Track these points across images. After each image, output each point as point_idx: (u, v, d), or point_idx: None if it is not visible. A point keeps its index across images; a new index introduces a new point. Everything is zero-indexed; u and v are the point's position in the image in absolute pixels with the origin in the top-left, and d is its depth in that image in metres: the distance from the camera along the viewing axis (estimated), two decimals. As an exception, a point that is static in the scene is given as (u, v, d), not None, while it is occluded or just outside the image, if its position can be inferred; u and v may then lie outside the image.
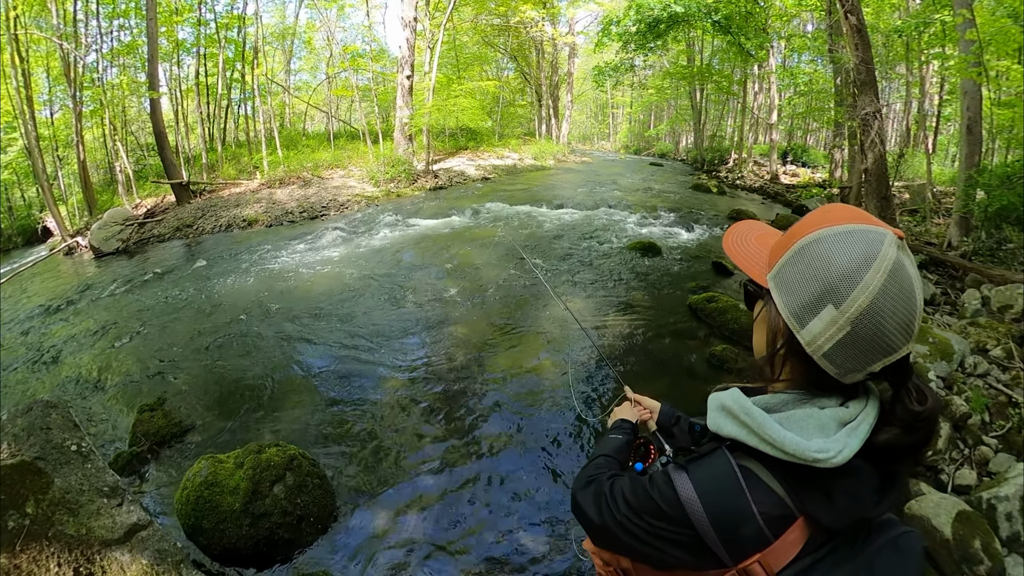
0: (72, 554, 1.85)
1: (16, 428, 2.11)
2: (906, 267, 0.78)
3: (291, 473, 3.33)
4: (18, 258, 16.45)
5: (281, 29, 30.05)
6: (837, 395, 0.88)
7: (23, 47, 15.68)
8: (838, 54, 9.12)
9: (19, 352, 7.41)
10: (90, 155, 20.76)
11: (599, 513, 0.98)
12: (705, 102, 25.75)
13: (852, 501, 0.81)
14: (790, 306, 0.85)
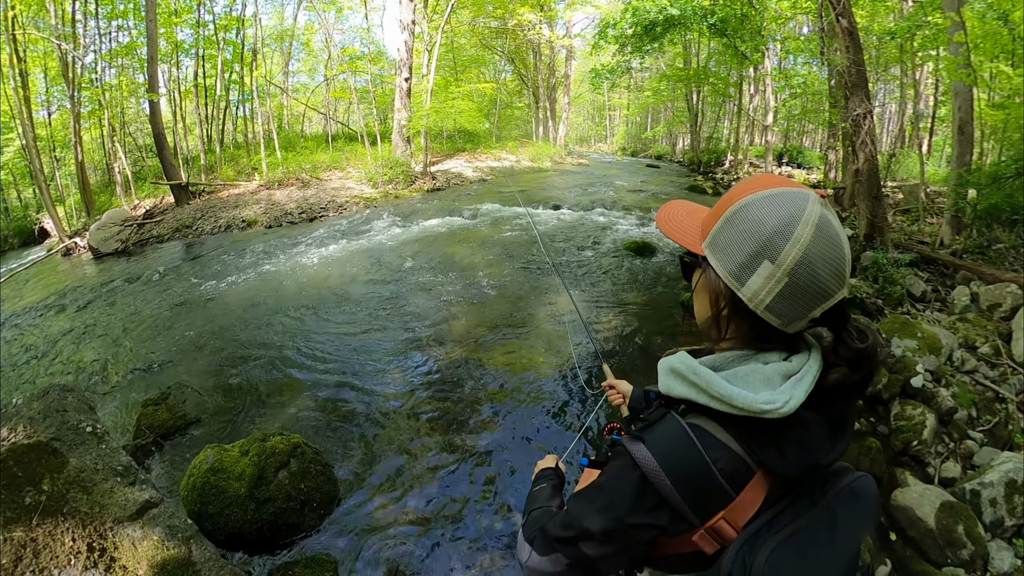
0: (86, 529, 1.94)
1: (32, 411, 2.21)
2: (830, 220, 0.84)
3: (295, 460, 3.44)
4: (15, 259, 16.38)
5: (279, 31, 30.02)
6: (781, 350, 0.93)
7: (21, 47, 15.63)
8: (831, 56, 9.20)
9: (20, 350, 7.48)
10: (88, 156, 20.67)
11: (555, 559, 0.98)
12: (701, 104, 25.81)
13: (803, 449, 0.86)
14: (728, 267, 0.89)
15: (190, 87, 22.49)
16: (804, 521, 0.86)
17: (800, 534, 0.84)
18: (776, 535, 0.84)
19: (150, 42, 16.12)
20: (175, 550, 2.08)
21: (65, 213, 18.66)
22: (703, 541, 0.87)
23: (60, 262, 13.93)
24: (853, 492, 0.92)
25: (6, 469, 1.91)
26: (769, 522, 0.86)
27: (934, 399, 4.50)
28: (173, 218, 14.76)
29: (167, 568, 2.01)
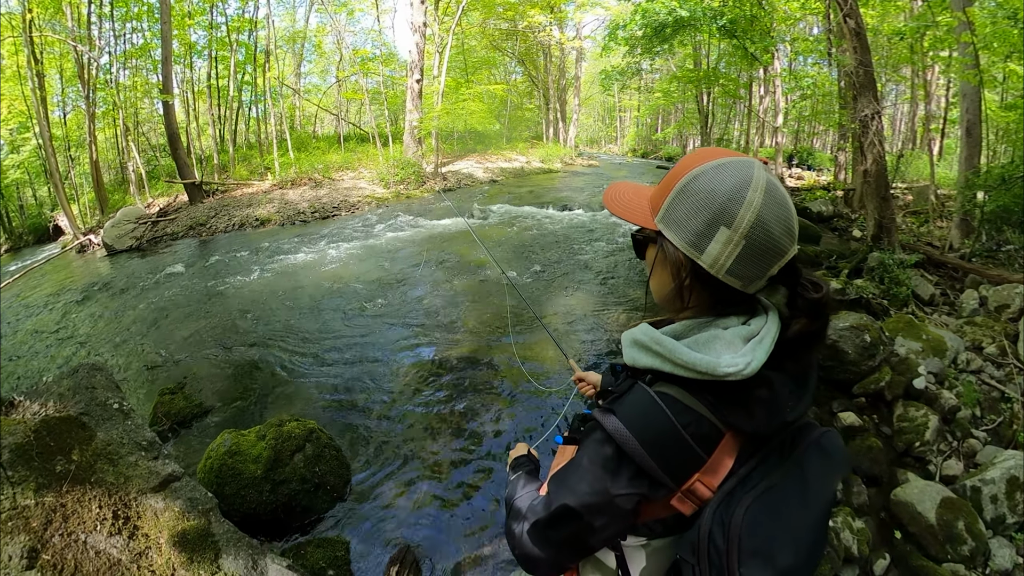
0: (112, 498, 2.04)
1: (63, 387, 2.33)
2: (776, 183, 0.89)
3: (310, 444, 3.55)
4: (29, 256, 16.69)
5: (291, 33, 30.27)
6: (740, 314, 0.96)
7: (38, 49, 15.94)
8: (839, 56, 9.19)
9: (37, 342, 7.65)
10: (102, 155, 21.01)
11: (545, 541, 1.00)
12: (712, 106, 25.73)
13: (769, 408, 0.88)
14: (685, 238, 0.91)
15: (203, 88, 22.83)
16: (776, 477, 0.89)
17: (773, 490, 0.87)
18: (750, 492, 0.87)
19: (164, 44, 16.37)
20: (195, 521, 2.17)
21: (79, 211, 18.96)
22: (681, 504, 0.90)
23: (74, 259, 14.13)
24: (820, 446, 0.94)
25: (39, 439, 2.01)
26: (742, 480, 0.89)
27: (937, 401, 4.47)
28: (187, 216, 14.94)
29: (187, 537, 2.10)
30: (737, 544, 0.82)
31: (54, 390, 2.31)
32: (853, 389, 4.58)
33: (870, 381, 4.52)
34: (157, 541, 2.04)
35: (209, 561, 2.13)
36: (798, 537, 0.85)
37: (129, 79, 21.40)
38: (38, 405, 2.21)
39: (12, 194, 23.51)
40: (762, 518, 0.84)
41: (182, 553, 2.07)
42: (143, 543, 2.02)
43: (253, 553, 2.30)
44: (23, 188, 24.45)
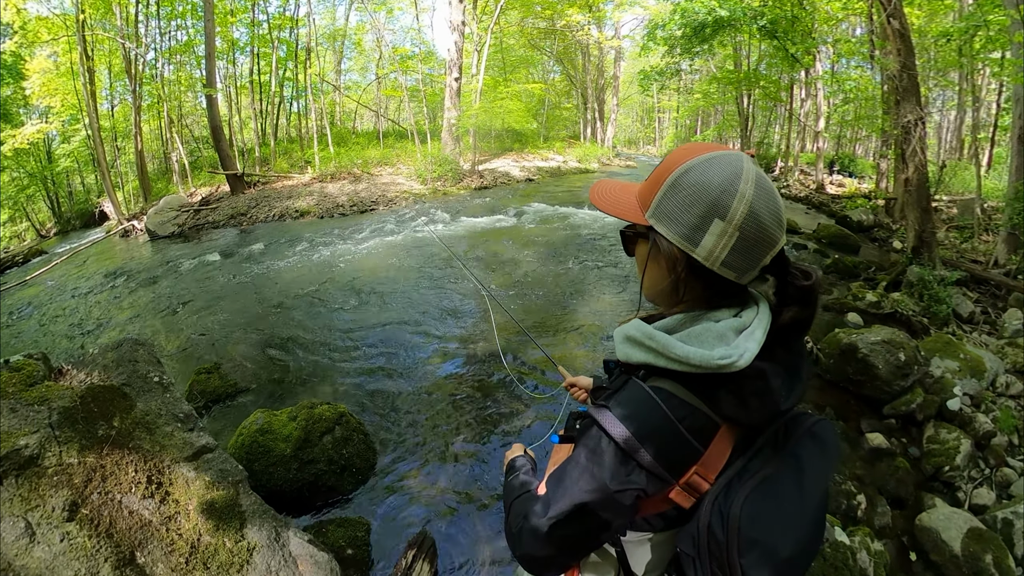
0: (147, 464, 2.16)
1: (107, 359, 2.47)
2: (763, 175, 0.90)
3: (340, 427, 3.67)
4: (76, 239, 17.44)
5: (332, 30, 30.73)
6: (731, 307, 0.97)
7: (89, 47, 16.66)
8: (881, 59, 8.90)
9: (81, 318, 8.00)
10: (147, 145, 21.79)
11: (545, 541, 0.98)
12: (752, 108, 25.29)
13: (763, 398, 0.89)
14: (679, 232, 0.91)
15: (245, 83, 23.40)
16: (772, 467, 0.89)
17: (770, 480, 0.88)
18: (748, 483, 0.87)
19: (207, 40, 16.93)
20: (224, 491, 2.27)
21: (124, 198, 19.79)
22: (680, 497, 0.90)
23: (118, 242, 14.73)
24: (814, 435, 0.95)
25: (84, 404, 2.14)
26: (739, 471, 0.89)
27: (971, 424, 4.30)
28: (228, 206, 15.37)
29: (215, 506, 2.20)
30: (736, 535, 0.83)
31: (99, 361, 2.45)
32: (884, 409, 4.46)
33: (901, 402, 4.40)
34: (186, 507, 2.15)
35: (234, 530, 2.22)
36: (797, 526, 0.86)
37: (173, 74, 22.11)
38: (84, 374, 2.35)
39: (62, 181, 24.78)
40: (760, 508, 0.85)
41: (209, 520, 2.17)
42: (173, 508, 2.12)
43: (277, 526, 2.39)
44: (72, 175, 25.60)
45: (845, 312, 6.46)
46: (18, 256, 15.45)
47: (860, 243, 10.27)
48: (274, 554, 2.27)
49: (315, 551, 2.42)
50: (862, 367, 4.55)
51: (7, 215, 26.03)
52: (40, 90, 19.03)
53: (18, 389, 2.15)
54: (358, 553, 3.02)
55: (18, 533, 1.79)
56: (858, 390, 4.61)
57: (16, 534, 1.79)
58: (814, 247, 9.66)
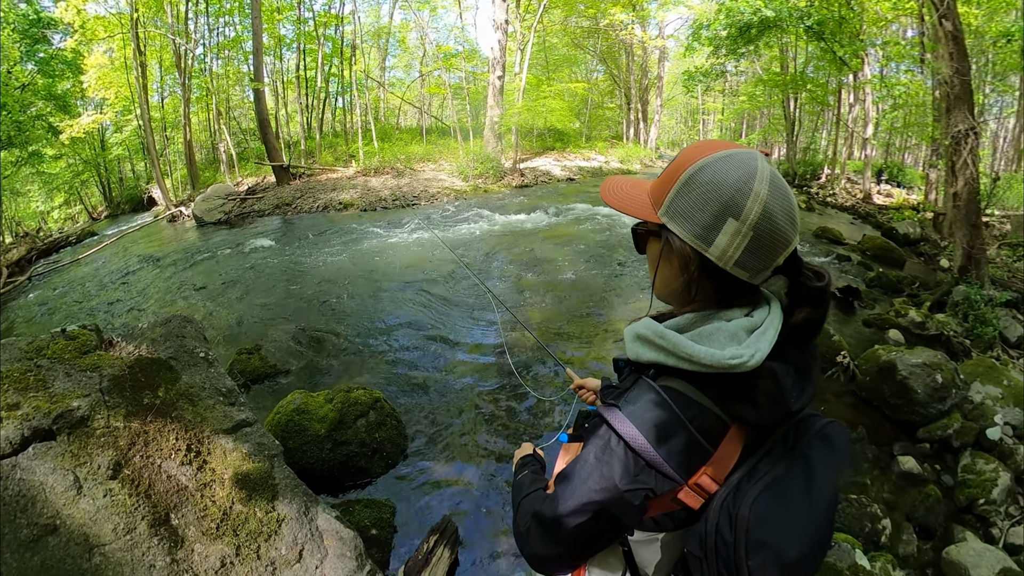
0: (188, 433, 2.28)
1: (155, 334, 2.63)
2: (777, 174, 0.89)
3: (374, 411, 3.80)
4: (125, 222, 18.32)
5: (376, 28, 31.24)
6: (743, 306, 0.97)
7: (142, 43, 17.57)
8: (932, 63, 8.51)
9: (130, 295, 8.37)
10: (195, 136, 22.69)
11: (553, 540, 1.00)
12: (799, 112, 24.65)
13: (774, 399, 0.88)
14: (692, 231, 0.90)
15: (292, 78, 24.07)
16: (781, 468, 0.89)
17: (779, 481, 0.87)
18: (757, 484, 0.87)
19: (255, 37, 17.69)
20: (259, 464, 2.38)
21: (172, 185, 20.68)
22: (688, 497, 0.89)
23: (165, 227, 15.34)
24: (824, 437, 0.94)
25: (132, 374, 2.30)
26: (749, 472, 0.89)
27: (1012, 457, 4.06)
28: (274, 196, 15.81)
29: (249, 477, 2.31)
30: (744, 536, 0.83)
31: (148, 335, 2.61)
32: (918, 433, 4.29)
33: (937, 427, 4.23)
34: (222, 476, 2.26)
35: (266, 500, 2.32)
36: (805, 528, 0.86)
37: (221, 68, 23.09)
38: (132, 346, 2.49)
39: (114, 168, 26.41)
40: (769, 510, 0.84)
41: (242, 490, 2.27)
42: (209, 475, 2.23)
43: (307, 500, 2.49)
44: (123, 163, 27.22)
45: (887, 328, 6.25)
46: (71, 236, 16.25)
47: (905, 257, 9.93)
48: (301, 527, 2.37)
49: (341, 528, 2.50)
50: (900, 389, 4.39)
51: (62, 198, 27.86)
52: (96, 83, 20.13)
53: (73, 356, 2.31)
54: (382, 534, 3.12)
55: (68, 485, 1.94)
56: (895, 414, 4.45)
57: (66, 485, 1.94)
58: (858, 259, 9.38)
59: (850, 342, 5.59)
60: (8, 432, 1.93)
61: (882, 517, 3.47)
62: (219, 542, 2.13)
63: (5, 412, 1.97)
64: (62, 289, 9.65)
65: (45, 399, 2.05)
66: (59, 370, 2.20)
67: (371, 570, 2.46)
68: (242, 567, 2.13)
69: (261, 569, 2.17)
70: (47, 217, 27.60)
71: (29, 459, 1.94)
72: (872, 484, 3.81)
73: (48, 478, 1.93)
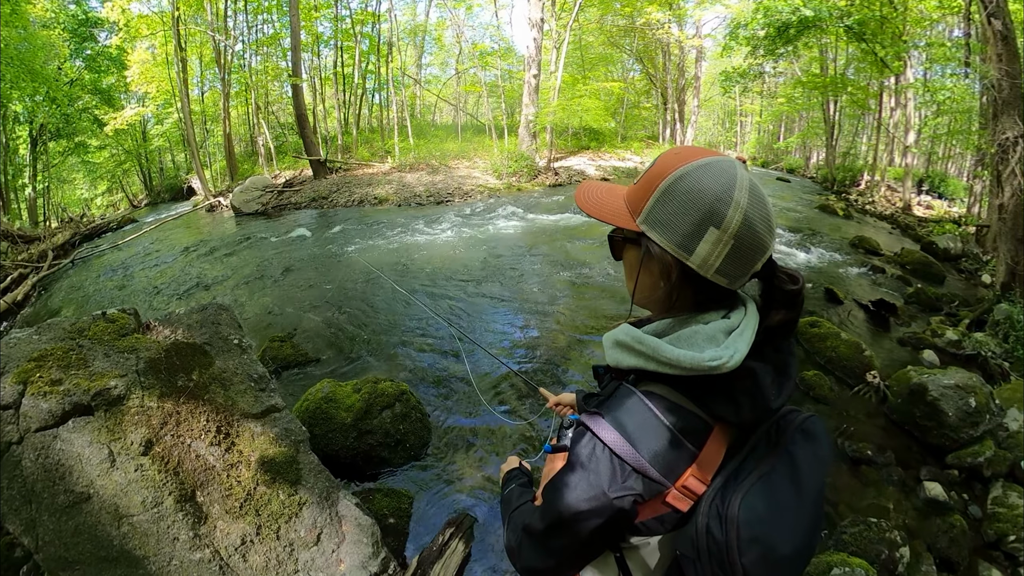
0: (218, 416, 2.39)
1: (192, 320, 2.75)
2: (756, 182, 0.90)
3: (400, 403, 3.88)
4: (165, 210, 18.94)
5: (413, 26, 31.65)
6: (719, 309, 0.97)
7: (183, 40, 18.32)
8: (979, 66, 8.10)
9: (170, 281, 8.65)
10: (234, 129, 23.31)
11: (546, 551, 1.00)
12: (839, 116, 24.07)
13: (755, 398, 0.89)
14: (673, 239, 0.90)
15: (329, 74, 24.48)
16: (767, 465, 0.90)
17: (765, 478, 0.88)
18: (744, 482, 0.87)
19: (293, 34, 18.13)
20: (285, 448, 2.48)
21: (211, 176, 21.38)
22: (677, 500, 0.90)
23: (204, 216, 15.79)
24: (805, 432, 0.95)
25: (168, 357, 2.42)
26: (734, 471, 0.90)
27: None
28: (310, 189, 16.11)
29: (275, 461, 2.41)
30: (736, 534, 0.83)
31: (184, 321, 2.72)
32: (947, 458, 4.10)
33: (968, 453, 4.02)
34: (248, 458, 2.36)
35: (289, 483, 2.42)
36: (795, 523, 0.86)
37: (260, 64, 23.66)
38: (169, 331, 2.61)
39: (154, 158, 27.58)
40: (758, 506, 0.85)
41: (267, 473, 2.37)
42: (236, 457, 2.33)
43: (329, 486, 2.57)
44: (164, 154, 28.41)
45: (921, 348, 6.00)
46: (112, 223, 16.82)
47: (945, 273, 9.55)
48: (322, 511, 2.45)
49: (360, 515, 2.58)
50: (930, 411, 4.22)
51: (105, 186, 29.21)
52: (139, 78, 21.10)
53: (112, 338, 2.43)
54: (399, 523, 3.20)
55: (102, 458, 2.08)
56: (924, 437, 4.28)
57: (100, 458, 2.07)
58: (895, 272, 9.07)
59: (883, 361, 5.47)
60: (51, 405, 2.06)
61: (901, 545, 3.27)
62: (241, 521, 2.23)
63: (49, 387, 2.09)
64: (103, 273, 10.00)
65: (85, 377, 2.17)
66: (99, 350, 2.31)
67: (386, 557, 2.54)
68: (261, 546, 2.23)
69: (279, 549, 2.26)
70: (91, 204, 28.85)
71: (69, 431, 2.07)
72: (894, 509, 3.67)
73: (85, 450, 2.06)
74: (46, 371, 2.14)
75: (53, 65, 20.08)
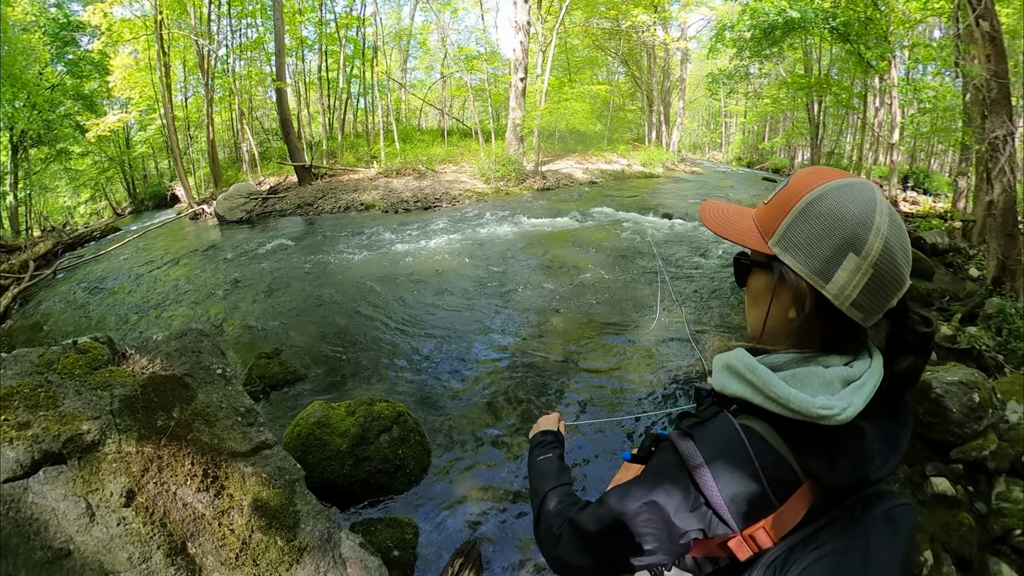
0: (204, 457, 2.17)
1: (170, 348, 2.50)
2: (893, 209, 0.83)
3: (397, 426, 3.67)
4: (148, 219, 18.73)
5: (398, 30, 31.52)
6: (845, 353, 0.89)
7: (166, 44, 17.97)
8: (966, 66, 8.20)
9: (151, 296, 8.32)
10: (218, 136, 22.96)
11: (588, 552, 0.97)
12: (823, 115, 24.36)
13: (854, 462, 0.82)
14: (810, 265, 0.84)
15: (314, 79, 24.29)
16: (841, 542, 0.82)
17: (834, 555, 0.80)
18: (811, 553, 0.80)
19: (277, 38, 17.87)
20: (279, 489, 2.26)
21: (195, 183, 21.15)
22: (738, 547, 0.83)
23: (188, 224, 15.52)
24: (891, 519, 0.86)
25: (145, 394, 2.19)
26: (806, 538, 0.82)
27: None
28: (295, 196, 15.86)
29: (269, 504, 2.20)
30: None
31: (162, 349, 2.48)
32: (951, 453, 4.09)
33: (971, 447, 4.01)
34: (240, 503, 2.15)
35: (287, 528, 2.21)
36: None
37: (244, 69, 23.32)
38: (146, 360, 2.38)
39: (138, 165, 27.13)
40: None
41: (262, 517, 2.16)
42: (227, 502, 2.12)
43: (330, 527, 2.37)
44: (147, 160, 27.97)
45: None
46: (96, 232, 16.44)
47: (934, 268, 9.52)
48: (324, 555, 2.25)
49: (365, 555, 2.40)
50: (934, 408, 4.15)
51: (88, 194, 28.86)
52: (121, 84, 20.67)
53: (84, 372, 2.20)
54: (404, 555, 3.01)
55: (79, 512, 1.87)
56: (927, 433, 4.21)
57: (77, 513, 1.87)
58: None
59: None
60: (19, 454, 1.85)
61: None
62: (238, 572, 2.03)
63: (16, 431, 1.89)
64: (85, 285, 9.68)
65: (55, 419, 1.95)
66: (69, 387, 2.09)
67: (395, 596, 2.35)
68: (262, 599, 2.02)
69: (281, 601, 2.06)
70: (73, 212, 28.50)
71: (40, 483, 1.87)
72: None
73: (60, 504, 1.85)
74: (12, 412, 1.92)
75: (34, 70, 19.76)
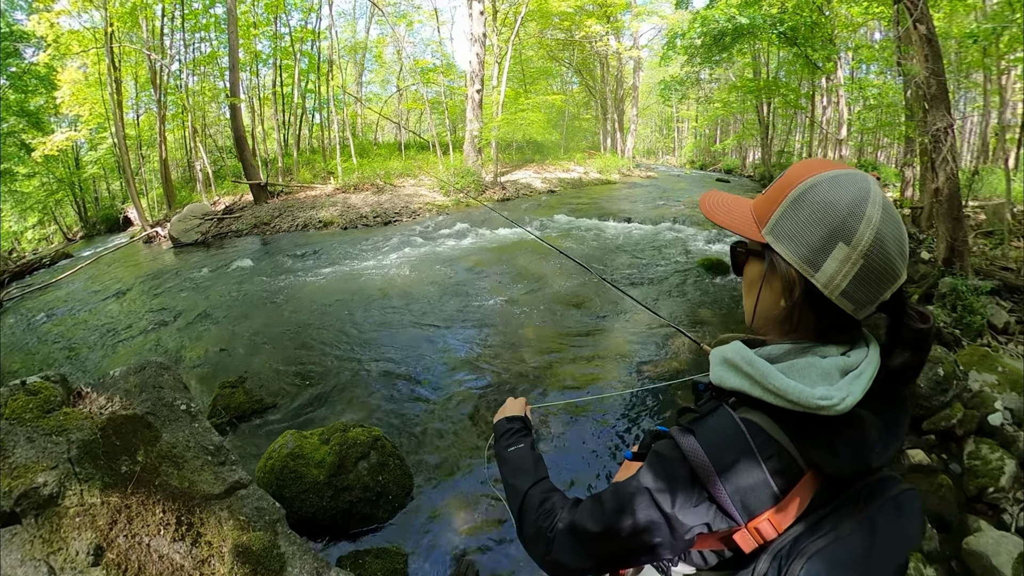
0: (175, 503, 1.97)
1: (129, 384, 2.29)
2: (889, 200, 0.83)
3: (375, 452, 3.49)
4: (101, 243, 18.08)
5: (353, 43, 31.32)
6: (840, 343, 0.89)
7: (117, 58, 17.32)
8: (907, 65, 8.65)
9: (103, 327, 7.95)
10: (171, 154, 22.40)
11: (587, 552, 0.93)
12: (772, 116, 25.02)
13: (855, 450, 0.82)
14: (799, 253, 0.85)
15: (268, 95, 23.97)
16: (845, 530, 0.82)
17: (839, 543, 0.80)
18: (816, 541, 0.80)
19: (231, 52, 17.37)
20: (260, 531, 2.09)
21: (148, 205, 20.31)
22: (743, 540, 0.83)
23: (141, 248, 15.03)
24: (897, 504, 0.87)
25: (106, 437, 1.97)
26: (811, 527, 0.82)
27: (1015, 444, 4.06)
28: (252, 215, 15.49)
29: (251, 548, 2.02)
30: None
31: (121, 386, 2.28)
32: (922, 425, 4.30)
33: (941, 418, 4.25)
34: (220, 550, 1.97)
35: (273, 572, 2.04)
36: None
37: (197, 84, 22.79)
38: (104, 399, 2.17)
39: (89, 187, 26.00)
40: (823, 573, 0.77)
41: (246, 564, 1.99)
42: (206, 551, 1.94)
43: (318, 566, 2.21)
44: (99, 182, 26.90)
45: None
46: (46, 258, 15.91)
47: None
48: (312, 597, 2.09)
49: (355, 592, 2.24)
50: None
51: (36, 218, 27.47)
52: (70, 100, 19.66)
53: (35, 416, 1.98)
54: (396, 586, 2.85)
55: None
56: None
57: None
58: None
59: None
60: (-35, 515, 1.64)
61: None
62: (223, 626, 1.85)
63: (-39, 488, 1.67)
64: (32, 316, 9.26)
65: (5, 473, 1.75)
66: (20, 434, 1.88)
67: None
68: (252, 651, 1.85)
69: (272, 652, 1.89)
70: (20, 238, 27.26)
71: (-7, 547, 1.64)
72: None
73: (17, 571, 1.63)
74: (-43, 467, 1.72)
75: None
